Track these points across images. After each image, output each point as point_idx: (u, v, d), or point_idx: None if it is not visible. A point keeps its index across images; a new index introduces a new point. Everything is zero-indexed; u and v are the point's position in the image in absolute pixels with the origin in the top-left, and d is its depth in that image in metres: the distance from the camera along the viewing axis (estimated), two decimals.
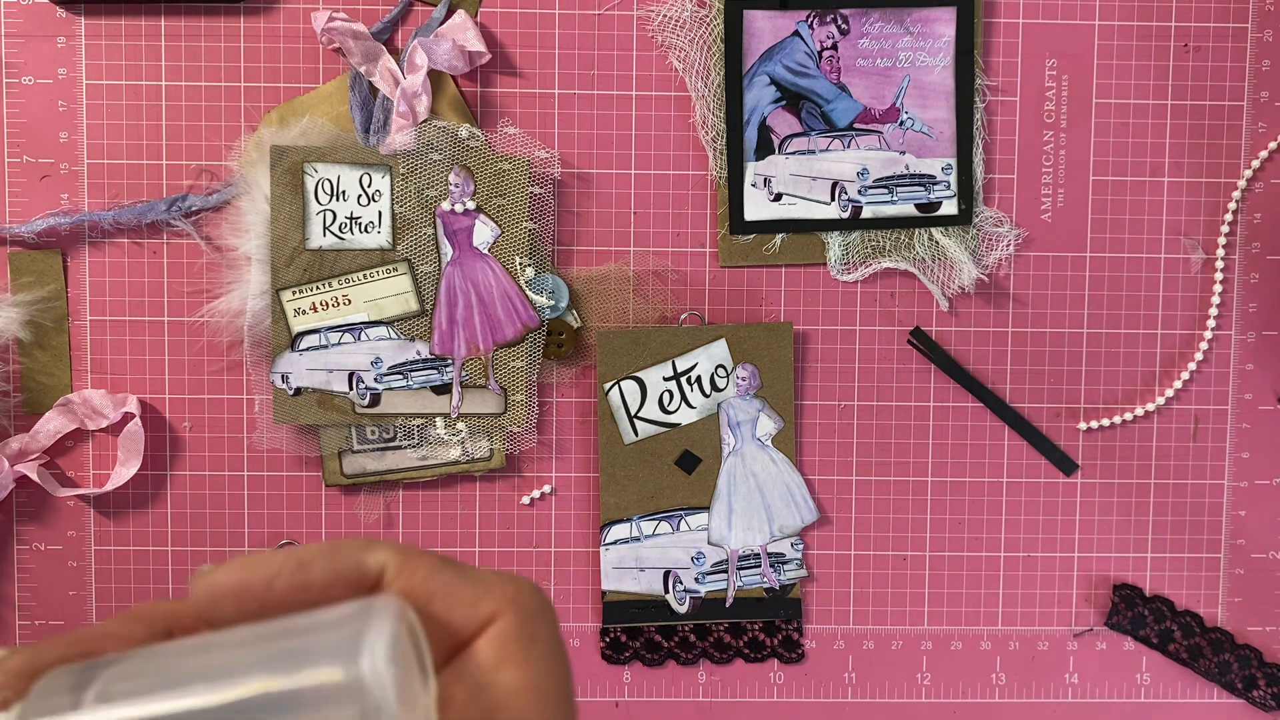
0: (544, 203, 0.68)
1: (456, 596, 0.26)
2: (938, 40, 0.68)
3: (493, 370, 0.68)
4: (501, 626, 0.26)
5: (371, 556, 0.26)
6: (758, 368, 0.68)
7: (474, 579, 0.26)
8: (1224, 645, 0.70)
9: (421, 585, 0.26)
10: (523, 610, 0.26)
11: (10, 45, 0.66)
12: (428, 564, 0.26)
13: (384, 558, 0.26)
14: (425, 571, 0.26)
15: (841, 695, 0.71)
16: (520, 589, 0.26)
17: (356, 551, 0.26)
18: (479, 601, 0.26)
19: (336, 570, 0.26)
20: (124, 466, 0.67)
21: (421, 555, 0.26)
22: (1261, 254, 0.70)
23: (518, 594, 0.26)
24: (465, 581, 0.26)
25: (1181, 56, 0.69)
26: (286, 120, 0.66)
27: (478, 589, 0.26)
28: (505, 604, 0.26)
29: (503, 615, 0.26)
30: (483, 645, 0.26)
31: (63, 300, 0.67)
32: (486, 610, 0.26)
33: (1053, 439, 0.70)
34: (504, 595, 0.26)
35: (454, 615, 0.26)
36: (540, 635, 0.26)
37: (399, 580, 0.26)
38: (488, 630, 0.26)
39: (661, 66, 0.68)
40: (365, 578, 0.26)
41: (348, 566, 0.26)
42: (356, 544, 0.26)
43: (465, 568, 0.26)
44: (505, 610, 0.26)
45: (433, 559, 0.26)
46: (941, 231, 0.69)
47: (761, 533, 0.69)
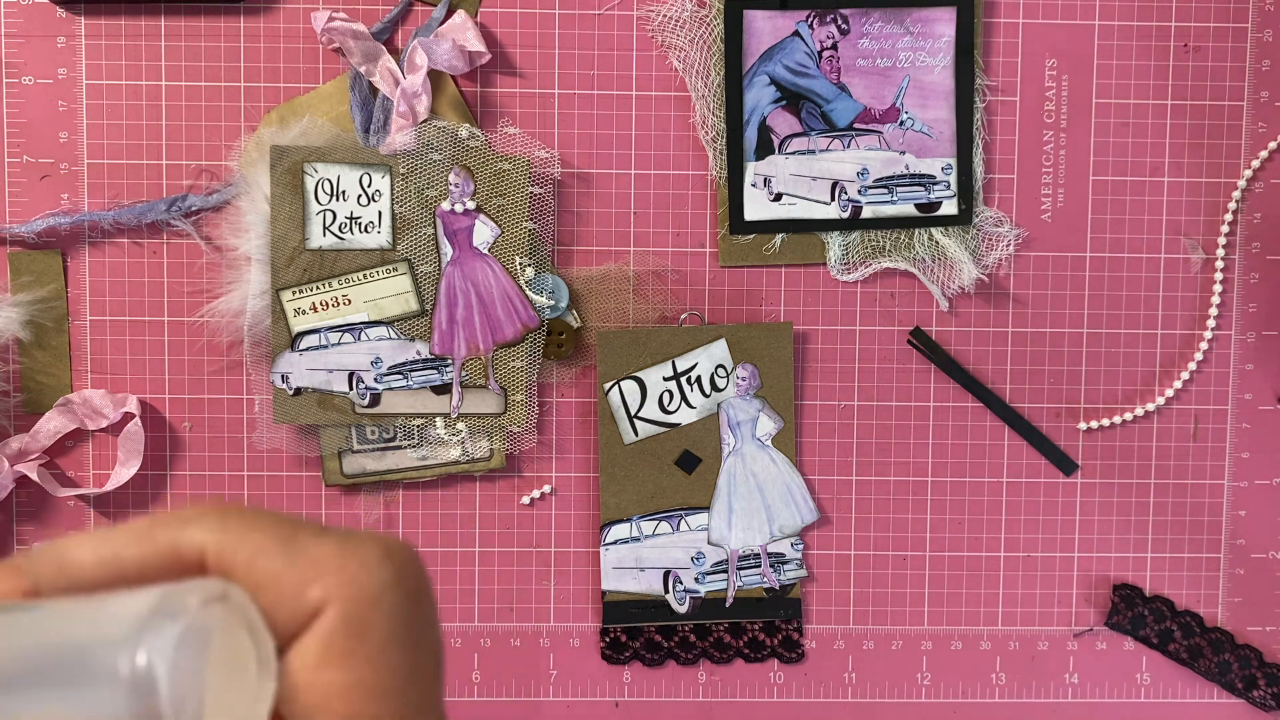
0: (544, 203, 0.68)
1: (281, 585, 0.23)
2: (938, 40, 0.68)
3: (493, 370, 0.68)
4: (327, 620, 0.23)
5: (187, 540, 0.24)
6: (758, 368, 0.68)
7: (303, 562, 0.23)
8: (1224, 645, 0.70)
9: (244, 574, 0.23)
10: (356, 597, 0.23)
11: (10, 45, 0.66)
12: (252, 545, 0.23)
13: (199, 541, 0.24)
14: (248, 555, 0.23)
15: (841, 695, 0.71)
16: (361, 567, 0.23)
17: (172, 532, 0.24)
18: (305, 589, 0.23)
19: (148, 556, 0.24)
20: (124, 466, 0.67)
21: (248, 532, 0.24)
22: (1261, 254, 0.70)
23: (355, 575, 0.23)
24: (292, 568, 0.23)
25: (1181, 56, 0.69)
26: (286, 120, 0.66)
27: (304, 574, 0.23)
28: (335, 590, 0.23)
29: (330, 605, 0.23)
30: (305, 642, 0.23)
31: (63, 300, 0.67)
32: (313, 600, 0.23)
33: (1053, 439, 0.70)
34: (338, 579, 0.23)
35: (278, 608, 0.23)
36: (374, 626, 0.23)
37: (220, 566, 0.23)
38: (313, 624, 0.23)
39: (661, 66, 0.68)
40: (181, 563, 0.24)
41: (162, 552, 0.24)
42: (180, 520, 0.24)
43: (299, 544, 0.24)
44: (334, 599, 0.23)
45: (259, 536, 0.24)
46: (941, 231, 0.69)
47: (761, 533, 0.69)
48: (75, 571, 0.23)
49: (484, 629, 0.70)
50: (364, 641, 0.23)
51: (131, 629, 0.22)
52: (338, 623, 0.23)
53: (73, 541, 0.24)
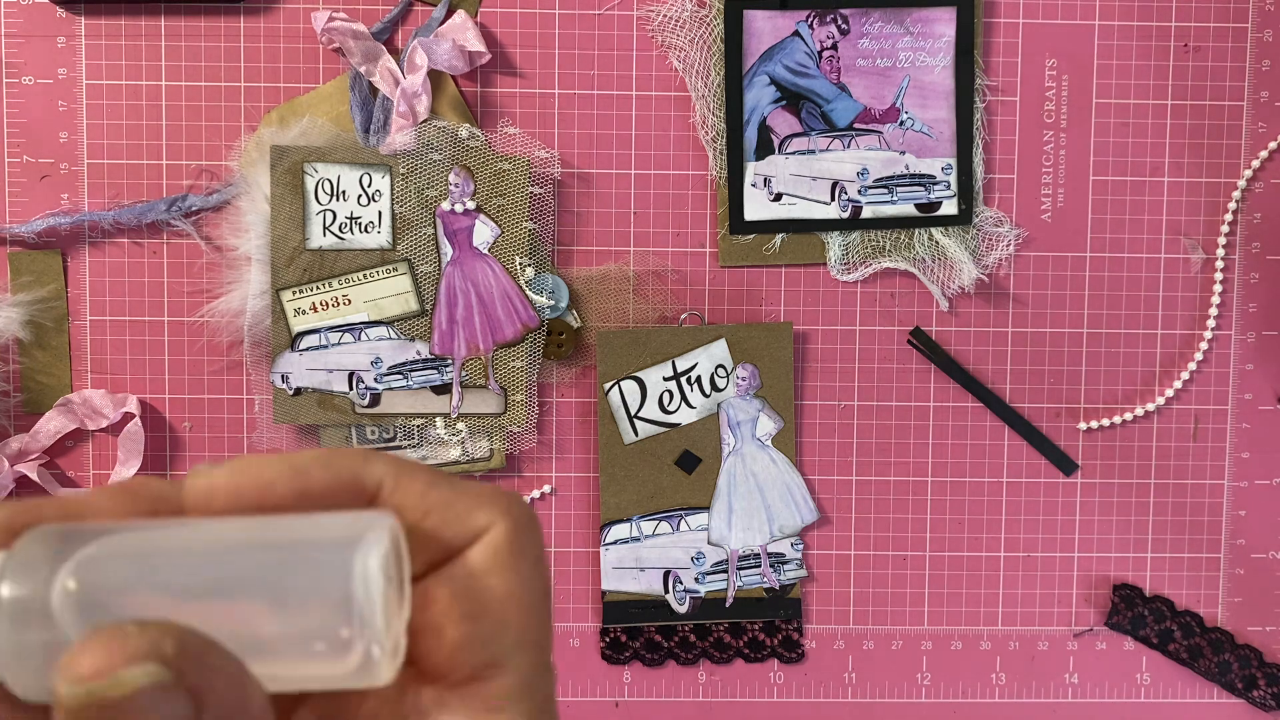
0: (544, 203, 0.68)
1: (451, 510, 0.26)
2: (938, 40, 0.68)
3: (493, 370, 0.68)
4: (493, 537, 0.27)
5: (369, 469, 0.26)
6: (758, 368, 0.68)
7: (468, 493, 0.27)
8: (1224, 645, 0.70)
9: (418, 500, 0.26)
10: (514, 523, 0.27)
11: (10, 45, 0.66)
12: (424, 479, 0.27)
13: (381, 471, 0.26)
14: (421, 486, 0.26)
15: (841, 695, 0.71)
16: (512, 503, 0.27)
17: (355, 463, 0.26)
18: (472, 515, 0.27)
19: (334, 479, 0.26)
20: (124, 466, 0.67)
21: (417, 470, 0.27)
22: (1261, 254, 0.70)
23: (509, 507, 0.27)
24: (460, 496, 0.27)
25: (1181, 56, 0.69)
26: (286, 120, 0.66)
27: (471, 503, 0.27)
28: (497, 517, 0.27)
29: (494, 527, 0.27)
30: (474, 553, 0.26)
31: (63, 300, 0.67)
32: (480, 523, 0.27)
33: (1053, 439, 0.70)
34: (496, 509, 0.27)
35: (447, 529, 0.26)
36: (527, 550, 0.27)
37: (395, 495, 0.26)
38: (480, 540, 0.27)
39: (661, 66, 0.68)
40: (363, 490, 0.26)
41: (345, 478, 0.26)
42: (355, 455, 0.27)
43: (459, 482, 0.27)
44: (497, 522, 0.27)
45: (429, 473, 0.27)
46: (941, 231, 0.69)
47: (761, 533, 0.69)
48: (267, 490, 0.26)
49: None
50: (520, 559, 0.27)
51: (344, 555, 0.24)
52: (502, 540, 0.27)
53: (256, 460, 0.26)
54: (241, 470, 0.26)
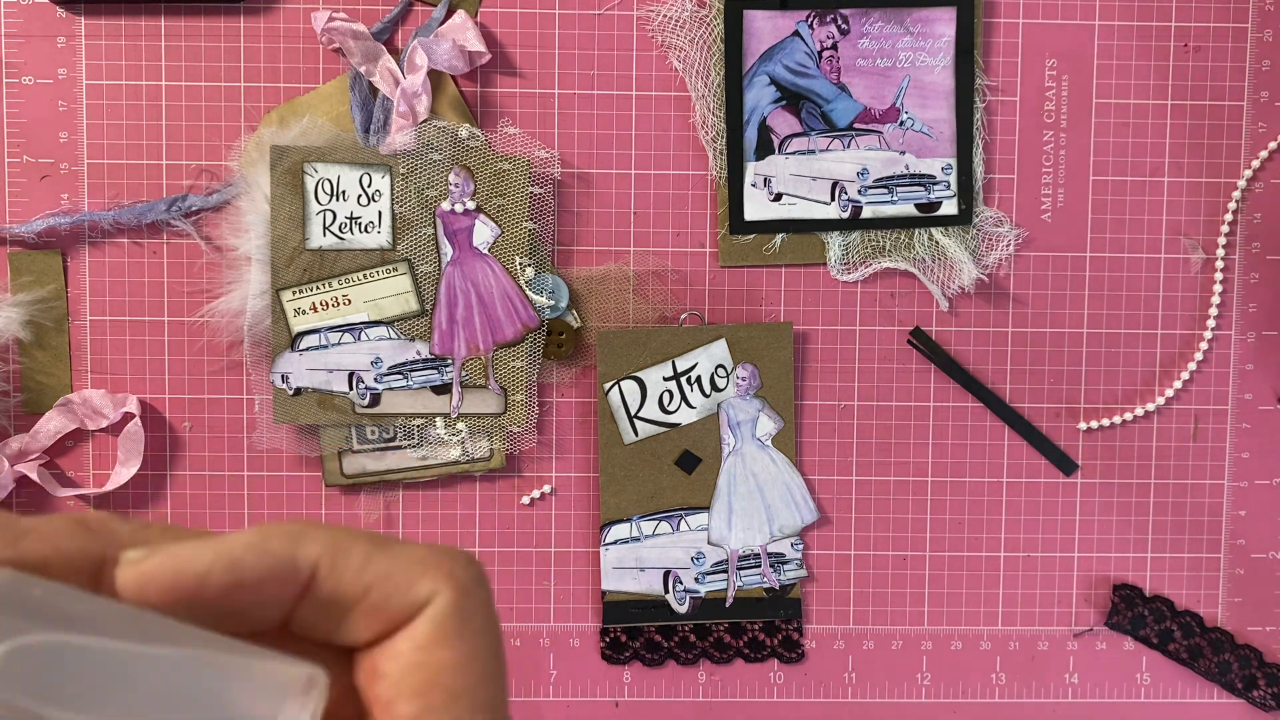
0: (544, 203, 0.68)
1: (391, 583, 0.26)
2: (938, 40, 0.68)
3: (493, 370, 0.68)
4: (437, 607, 0.26)
5: (303, 552, 0.26)
6: (758, 368, 0.68)
7: (409, 561, 0.27)
8: (1224, 645, 0.70)
9: (355, 577, 0.26)
10: (458, 589, 0.26)
11: (10, 45, 0.66)
12: (360, 554, 0.26)
13: (316, 553, 0.26)
14: (358, 562, 0.26)
15: (841, 695, 0.71)
16: (456, 565, 0.27)
17: (287, 546, 0.26)
18: (414, 586, 0.26)
19: (268, 568, 0.26)
20: (124, 466, 0.67)
21: (355, 543, 0.26)
22: (1261, 254, 0.70)
23: (453, 570, 0.27)
24: (400, 567, 0.26)
25: (1181, 56, 0.69)
26: (286, 120, 0.66)
27: (412, 573, 0.26)
28: (440, 584, 0.26)
29: (438, 596, 0.26)
30: (419, 626, 0.26)
31: (63, 300, 0.67)
32: (423, 593, 0.26)
33: (1053, 439, 0.70)
34: (439, 575, 0.26)
35: (390, 602, 0.26)
36: (475, 614, 0.27)
37: (332, 575, 0.26)
38: (424, 610, 0.26)
39: (661, 66, 0.68)
40: (297, 573, 0.26)
41: (279, 565, 0.26)
42: (288, 535, 0.26)
43: (399, 549, 0.27)
44: (440, 590, 0.26)
45: (365, 545, 0.26)
46: (941, 231, 0.69)
47: (761, 533, 0.69)
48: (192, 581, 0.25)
49: None
50: (468, 625, 0.26)
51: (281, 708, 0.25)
52: (447, 608, 0.26)
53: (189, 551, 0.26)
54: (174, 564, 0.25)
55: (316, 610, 0.26)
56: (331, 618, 0.26)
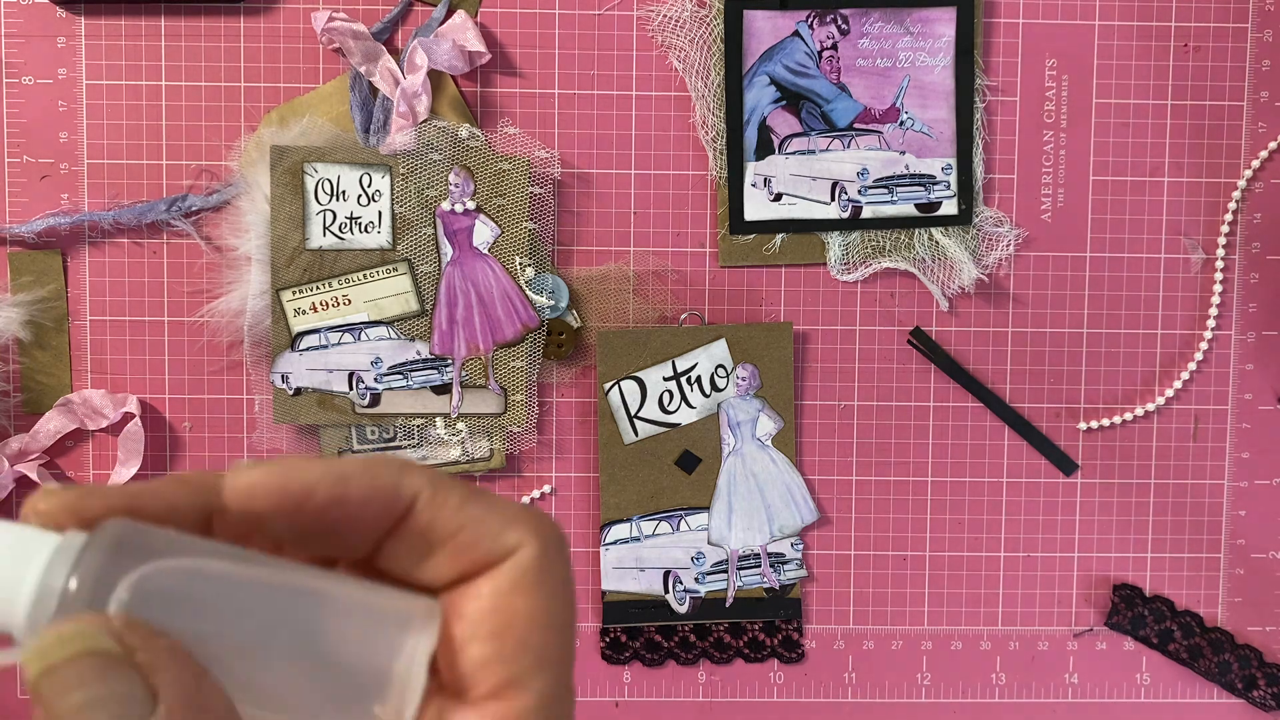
0: (544, 203, 0.68)
1: (484, 527, 0.27)
2: (938, 40, 0.68)
3: (493, 370, 0.68)
4: (521, 557, 0.27)
5: (407, 481, 0.27)
6: (758, 368, 0.68)
7: (501, 511, 0.28)
8: (1224, 645, 0.70)
9: (452, 515, 0.27)
10: (544, 544, 0.27)
11: (10, 45, 0.66)
12: (459, 495, 0.27)
13: (418, 484, 0.27)
14: (456, 501, 0.27)
15: (841, 695, 0.71)
16: (543, 523, 0.28)
17: (393, 473, 0.27)
18: (504, 533, 0.27)
19: (373, 488, 0.27)
20: (124, 466, 0.67)
21: (452, 486, 0.28)
22: (1261, 254, 0.70)
23: (540, 528, 0.28)
24: (493, 514, 0.27)
25: (1181, 56, 0.69)
26: (286, 120, 0.66)
27: (504, 521, 0.27)
28: (528, 536, 0.27)
29: (524, 547, 0.27)
30: (503, 570, 0.27)
31: (63, 300, 0.67)
32: (510, 542, 0.27)
33: (1053, 439, 0.70)
34: (528, 528, 0.27)
35: (479, 545, 0.27)
36: (555, 571, 0.28)
37: (430, 508, 0.27)
38: (509, 559, 0.27)
39: (661, 66, 0.68)
40: (399, 501, 0.27)
41: (384, 488, 0.27)
42: (394, 466, 0.27)
43: (493, 500, 0.28)
44: (527, 542, 0.27)
45: (463, 489, 0.28)
46: (941, 231, 0.69)
47: (761, 533, 0.69)
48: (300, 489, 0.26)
49: None
50: (548, 579, 0.27)
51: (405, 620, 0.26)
52: (531, 559, 0.27)
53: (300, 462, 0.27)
54: (284, 472, 0.27)
55: (409, 543, 0.27)
56: (421, 552, 0.27)
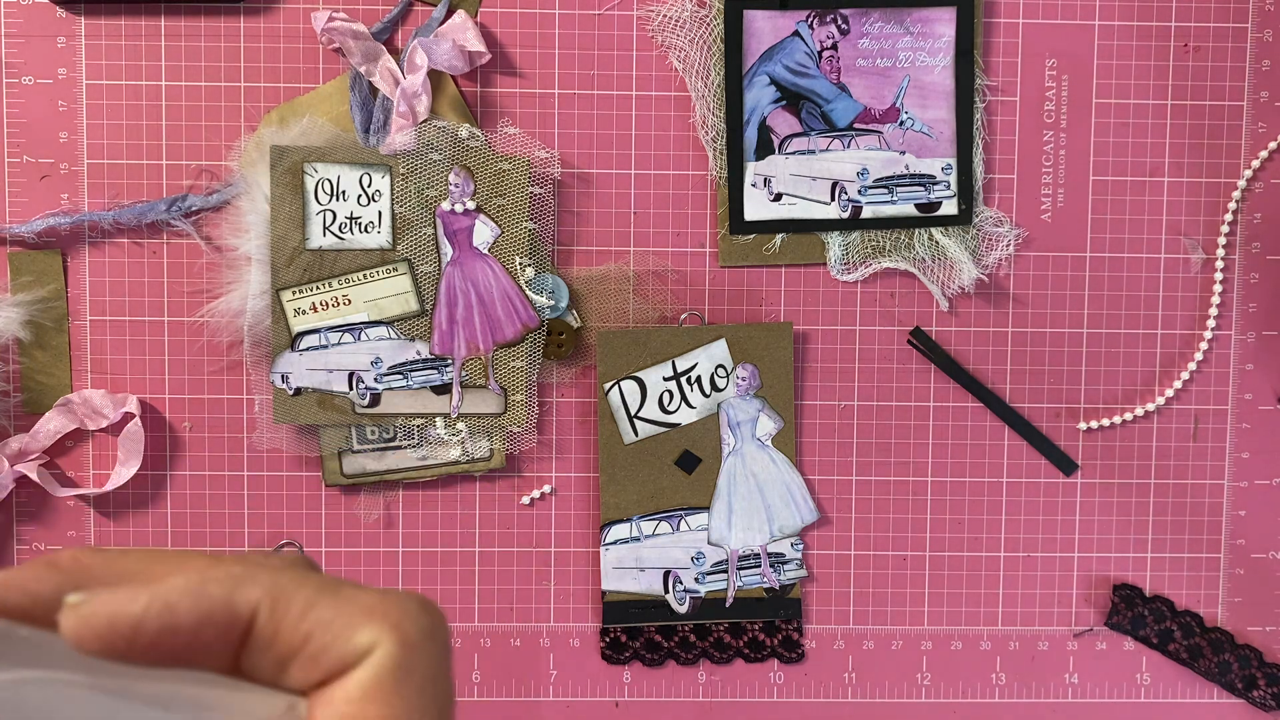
0: (544, 203, 0.68)
1: (331, 631, 0.25)
2: (938, 40, 0.68)
3: (493, 370, 0.68)
4: (376, 658, 0.25)
5: (241, 597, 0.25)
6: (758, 368, 0.68)
7: (353, 609, 0.26)
8: (1224, 645, 0.70)
9: (295, 624, 0.25)
10: (402, 642, 0.25)
11: (10, 45, 0.66)
12: (303, 599, 0.25)
13: (256, 597, 0.25)
14: (300, 608, 0.25)
15: (841, 695, 0.71)
16: (405, 615, 0.26)
17: (225, 591, 0.25)
18: (354, 635, 0.25)
19: (205, 614, 0.25)
20: (124, 466, 0.67)
21: (298, 589, 0.26)
22: (1261, 254, 0.70)
23: (400, 621, 0.26)
24: (342, 614, 0.25)
25: (1181, 56, 0.69)
26: (286, 120, 0.66)
27: (355, 620, 0.25)
28: (383, 635, 0.25)
29: (378, 648, 0.25)
30: (354, 676, 0.25)
31: (63, 300, 0.67)
32: (362, 643, 0.25)
33: (1053, 439, 0.70)
34: (383, 626, 0.25)
35: (331, 650, 0.25)
36: (417, 668, 0.25)
37: (271, 621, 0.25)
38: (364, 661, 0.25)
39: (661, 66, 0.68)
40: (237, 620, 0.25)
41: (217, 610, 0.25)
42: (229, 579, 0.25)
43: (345, 595, 0.26)
44: (382, 642, 0.25)
45: (309, 590, 0.26)
46: (941, 231, 0.69)
47: (761, 533, 0.69)
48: (127, 627, 0.25)
49: (484, 629, 0.70)
50: (405, 682, 0.25)
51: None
52: (386, 662, 0.25)
53: (124, 595, 0.25)
54: (108, 608, 0.25)
55: (259, 656, 0.26)
56: (274, 664, 0.26)
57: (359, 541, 0.69)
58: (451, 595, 0.70)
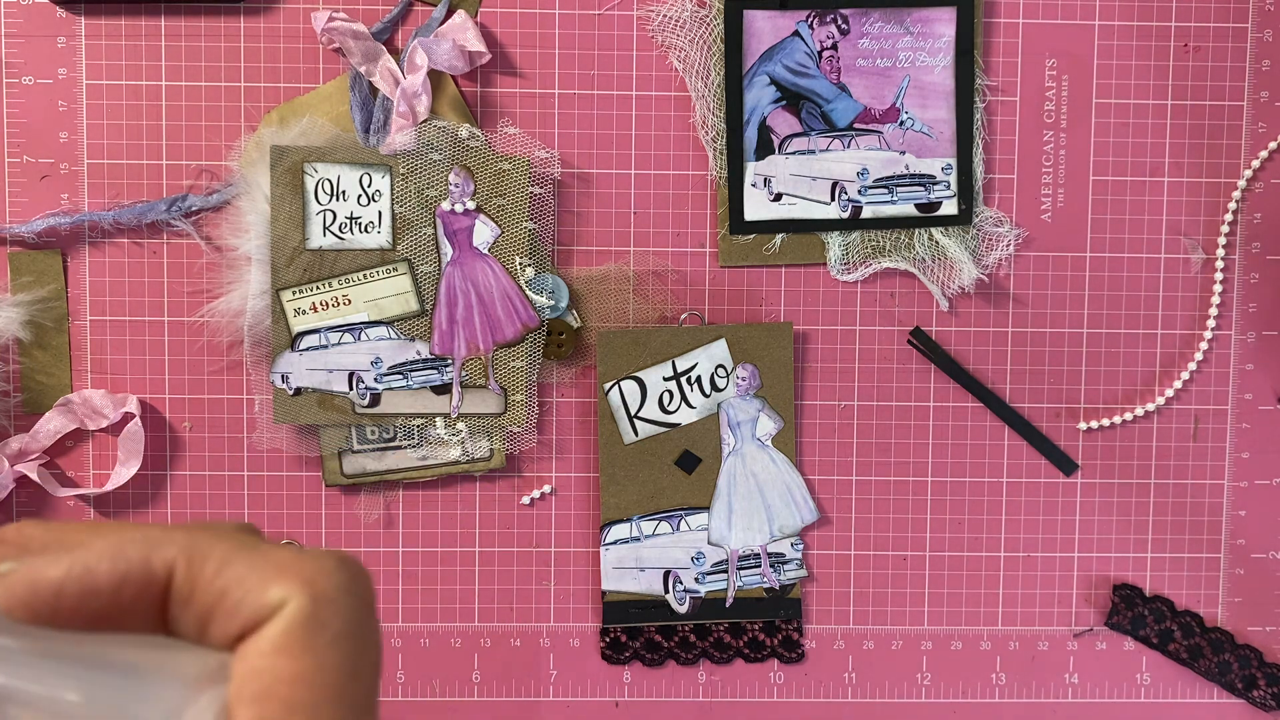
0: (544, 203, 0.68)
1: (246, 587, 0.26)
2: (938, 40, 0.68)
3: (493, 370, 0.68)
4: (288, 612, 0.26)
5: (158, 556, 0.26)
6: (758, 368, 0.68)
7: (267, 564, 0.26)
8: (1224, 645, 0.70)
9: (211, 581, 0.26)
10: (314, 596, 0.26)
11: (10, 45, 0.66)
12: (218, 556, 0.26)
13: (170, 556, 0.26)
14: (215, 565, 0.26)
15: (841, 695, 0.71)
16: (319, 570, 0.26)
17: (143, 552, 0.26)
18: (268, 589, 0.26)
19: (122, 574, 0.26)
20: (124, 466, 0.67)
21: (212, 546, 0.26)
22: (1261, 254, 0.70)
23: (314, 577, 0.26)
24: (255, 570, 0.26)
25: (1181, 56, 0.69)
26: (286, 120, 0.66)
27: (268, 575, 0.26)
28: (295, 591, 0.26)
29: (289, 603, 0.26)
30: (267, 630, 0.26)
31: (63, 300, 0.67)
32: (276, 596, 0.26)
33: (1053, 439, 0.70)
34: (297, 579, 0.26)
35: (245, 605, 0.26)
36: (330, 622, 0.26)
37: (188, 579, 0.26)
38: (276, 615, 0.26)
39: (661, 66, 0.68)
40: (154, 578, 0.26)
41: (134, 569, 0.26)
42: (145, 540, 0.26)
43: (259, 553, 0.26)
44: (293, 598, 0.26)
45: (224, 548, 0.26)
46: (941, 231, 0.69)
47: (761, 533, 0.69)
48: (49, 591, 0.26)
49: (484, 629, 0.70)
50: (317, 636, 0.26)
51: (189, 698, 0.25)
52: (296, 616, 0.26)
53: (45, 561, 0.26)
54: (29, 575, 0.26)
55: (181, 613, 0.26)
56: (196, 621, 0.26)
57: (359, 541, 0.69)
58: (451, 595, 0.70)
